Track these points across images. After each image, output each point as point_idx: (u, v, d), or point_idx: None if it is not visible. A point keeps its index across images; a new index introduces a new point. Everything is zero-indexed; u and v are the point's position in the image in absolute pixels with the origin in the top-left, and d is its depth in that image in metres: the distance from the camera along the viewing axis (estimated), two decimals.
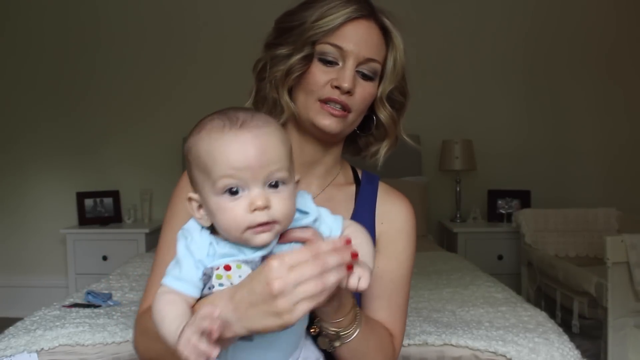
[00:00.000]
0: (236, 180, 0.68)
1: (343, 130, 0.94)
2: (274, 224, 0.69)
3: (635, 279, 2.27)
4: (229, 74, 3.66)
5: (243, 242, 0.70)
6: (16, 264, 3.83)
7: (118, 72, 3.79)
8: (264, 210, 0.68)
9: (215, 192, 0.69)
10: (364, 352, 0.87)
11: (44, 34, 3.79)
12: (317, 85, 0.92)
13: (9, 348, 1.51)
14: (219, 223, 0.71)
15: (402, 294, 0.97)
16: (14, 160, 3.82)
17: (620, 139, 3.74)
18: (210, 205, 0.71)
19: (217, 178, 0.69)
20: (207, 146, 0.70)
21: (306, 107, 0.94)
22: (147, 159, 3.80)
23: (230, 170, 0.68)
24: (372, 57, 0.93)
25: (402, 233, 0.99)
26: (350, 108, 0.93)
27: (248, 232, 0.69)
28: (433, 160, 3.73)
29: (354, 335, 0.83)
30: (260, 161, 0.68)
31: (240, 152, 0.68)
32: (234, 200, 0.69)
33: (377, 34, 0.95)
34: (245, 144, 0.68)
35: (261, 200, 0.68)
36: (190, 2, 3.80)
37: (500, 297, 1.95)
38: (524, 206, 3.53)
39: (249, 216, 0.68)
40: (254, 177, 0.68)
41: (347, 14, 0.91)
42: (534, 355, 1.43)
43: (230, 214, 0.69)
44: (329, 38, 0.92)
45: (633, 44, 3.73)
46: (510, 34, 3.75)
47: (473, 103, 3.79)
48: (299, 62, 0.92)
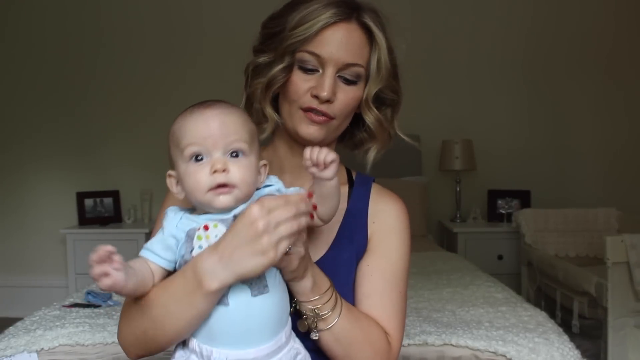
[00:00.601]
0: (200, 147, 0.78)
1: (326, 137, 0.94)
2: (232, 187, 0.78)
3: (635, 279, 2.27)
4: (229, 74, 3.64)
5: (206, 205, 0.79)
6: (16, 264, 3.84)
7: (118, 72, 3.79)
8: (223, 173, 0.77)
9: (184, 160, 0.80)
10: (349, 342, 0.87)
11: (44, 34, 3.79)
12: (298, 94, 0.92)
13: (9, 348, 1.51)
14: (186, 187, 0.80)
15: (396, 293, 0.96)
16: (14, 160, 3.82)
17: (620, 139, 3.74)
18: (180, 173, 0.81)
19: (184, 146, 0.79)
20: (179, 123, 0.82)
21: (290, 116, 0.94)
22: (147, 159, 3.79)
23: (195, 139, 0.79)
24: (352, 62, 0.92)
25: (393, 231, 0.99)
26: (333, 116, 0.92)
27: (209, 194, 0.78)
28: (433, 160, 3.73)
29: (334, 321, 0.85)
30: (221, 131, 0.79)
31: (204, 124, 0.79)
32: (198, 166, 0.78)
33: (358, 36, 0.92)
34: (210, 118, 0.79)
35: (220, 164, 0.77)
36: (191, 4, 3.80)
37: (500, 297, 1.96)
38: (524, 206, 3.53)
39: (210, 178, 0.77)
40: (215, 145, 0.78)
41: (324, 19, 0.89)
42: (534, 355, 1.43)
43: (194, 176, 0.78)
44: (307, 46, 0.90)
45: (633, 44, 3.73)
46: (510, 34, 3.75)
47: (473, 103, 3.79)
48: (279, 74, 0.92)
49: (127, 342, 0.87)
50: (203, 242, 0.78)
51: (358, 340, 0.88)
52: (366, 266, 0.96)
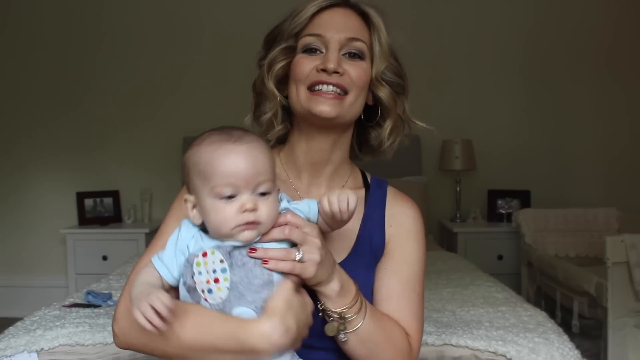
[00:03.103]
0: (232, 188, 0.80)
1: (341, 113, 0.93)
2: (257, 224, 0.80)
3: (635, 279, 2.27)
4: (229, 75, 3.66)
5: (227, 237, 0.81)
6: (16, 264, 3.83)
7: (119, 72, 3.79)
8: (252, 212, 0.79)
9: (213, 196, 0.80)
10: (373, 343, 0.88)
11: (44, 34, 3.79)
12: (304, 73, 0.93)
13: (9, 348, 1.51)
14: (211, 221, 0.81)
15: (414, 294, 0.97)
16: (14, 160, 3.82)
17: (620, 139, 3.74)
18: (205, 206, 0.81)
19: (215, 185, 0.80)
20: (207, 156, 0.81)
21: (299, 98, 0.94)
22: (147, 159, 3.80)
23: (227, 180, 0.79)
24: (353, 36, 0.94)
25: (410, 235, 1.00)
26: (345, 87, 0.92)
27: (236, 229, 0.80)
28: (433, 160, 3.73)
29: (359, 324, 0.86)
30: (251, 172, 0.80)
31: (235, 164, 0.80)
32: (228, 203, 0.80)
33: (355, 18, 0.96)
34: (239, 156, 0.80)
35: (251, 204, 0.79)
36: (191, 4, 3.80)
37: (500, 297, 1.95)
38: (524, 206, 3.53)
39: (239, 216, 0.79)
40: (246, 185, 0.80)
41: (318, 4, 0.94)
42: (534, 355, 1.43)
43: (222, 213, 0.80)
44: (308, 29, 0.94)
45: (633, 44, 3.73)
46: (510, 33, 3.75)
47: (473, 103, 3.79)
48: (280, 53, 0.95)
49: (126, 338, 0.88)
50: (202, 268, 0.80)
51: (381, 341, 0.89)
52: (384, 269, 0.98)
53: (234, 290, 0.79)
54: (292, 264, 0.80)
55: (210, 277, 0.80)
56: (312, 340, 0.85)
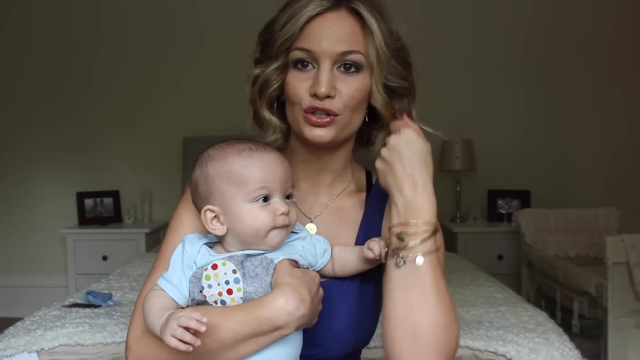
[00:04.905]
0: (268, 191, 0.82)
1: (337, 136, 0.89)
2: (289, 227, 0.84)
3: (635, 279, 2.27)
4: (228, 75, 3.65)
5: (258, 241, 0.82)
6: (16, 264, 3.83)
7: (118, 72, 3.79)
8: (286, 215, 0.82)
9: (249, 200, 0.81)
10: (427, 292, 0.82)
11: (44, 34, 3.79)
12: (297, 96, 0.88)
13: (9, 348, 1.51)
14: (246, 226, 0.81)
15: None
16: (14, 160, 3.82)
17: (620, 138, 3.74)
18: (240, 212, 0.81)
19: (254, 188, 0.81)
20: (241, 162, 0.82)
21: (296, 121, 0.90)
22: (147, 159, 3.80)
23: (265, 182, 0.81)
24: (347, 49, 0.86)
25: None
26: (336, 112, 0.87)
27: (272, 232, 0.81)
28: (433, 160, 3.72)
29: (417, 258, 0.83)
30: (284, 176, 0.83)
31: (270, 168, 0.82)
32: (263, 206, 0.82)
33: (349, 23, 0.87)
34: (272, 162, 0.83)
35: (285, 207, 0.82)
36: (191, 4, 3.80)
37: (500, 297, 1.96)
38: (524, 206, 3.53)
39: (276, 219, 0.81)
40: (280, 188, 0.83)
41: (308, 12, 0.85)
42: (534, 355, 1.43)
43: (259, 217, 0.81)
44: (297, 42, 0.87)
45: (633, 44, 3.73)
46: (510, 33, 3.75)
47: (473, 103, 3.79)
48: (272, 74, 0.89)
49: (140, 350, 0.84)
50: (212, 280, 0.80)
51: (438, 304, 0.82)
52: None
53: (248, 300, 0.79)
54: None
55: (223, 288, 0.79)
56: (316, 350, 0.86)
